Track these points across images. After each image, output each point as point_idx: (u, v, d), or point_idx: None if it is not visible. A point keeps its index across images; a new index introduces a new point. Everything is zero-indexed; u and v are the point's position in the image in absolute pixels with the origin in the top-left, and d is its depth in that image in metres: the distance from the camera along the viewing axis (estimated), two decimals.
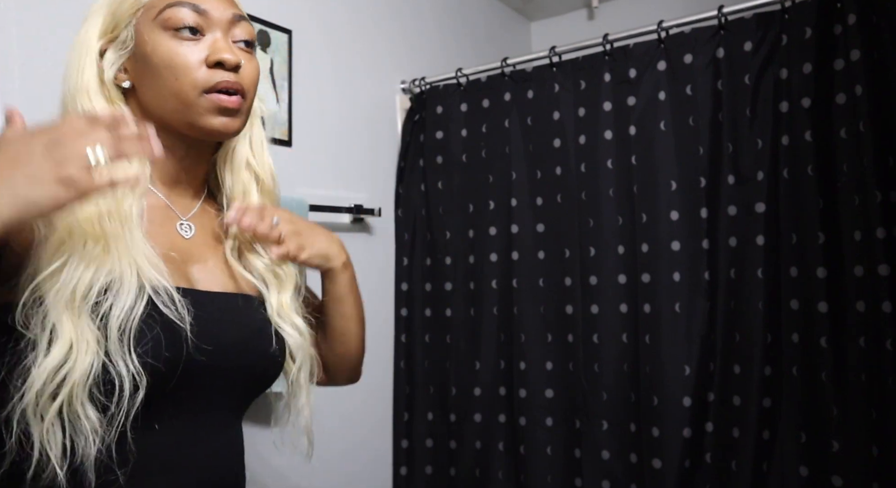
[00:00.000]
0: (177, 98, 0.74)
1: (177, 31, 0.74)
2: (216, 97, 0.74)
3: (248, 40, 0.79)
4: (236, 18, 0.78)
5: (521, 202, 1.82)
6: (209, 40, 0.75)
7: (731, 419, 1.53)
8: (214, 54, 0.74)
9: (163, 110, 0.75)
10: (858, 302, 1.37)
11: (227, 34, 0.77)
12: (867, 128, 1.35)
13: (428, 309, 1.97)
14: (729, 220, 1.55)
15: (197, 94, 0.74)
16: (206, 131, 0.76)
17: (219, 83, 0.74)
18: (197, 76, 0.73)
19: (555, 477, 1.74)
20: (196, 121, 0.75)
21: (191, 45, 0.74)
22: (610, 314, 1.68)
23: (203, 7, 0.75)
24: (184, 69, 0.73)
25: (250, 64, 0.78)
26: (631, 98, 1.67)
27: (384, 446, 1.94)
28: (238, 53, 0.76)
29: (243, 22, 0.79)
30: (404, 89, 2.04)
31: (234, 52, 0.75)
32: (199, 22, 0.75)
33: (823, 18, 1.42)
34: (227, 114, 0.75)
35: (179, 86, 0.73)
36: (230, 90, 0.75)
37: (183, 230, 0.80)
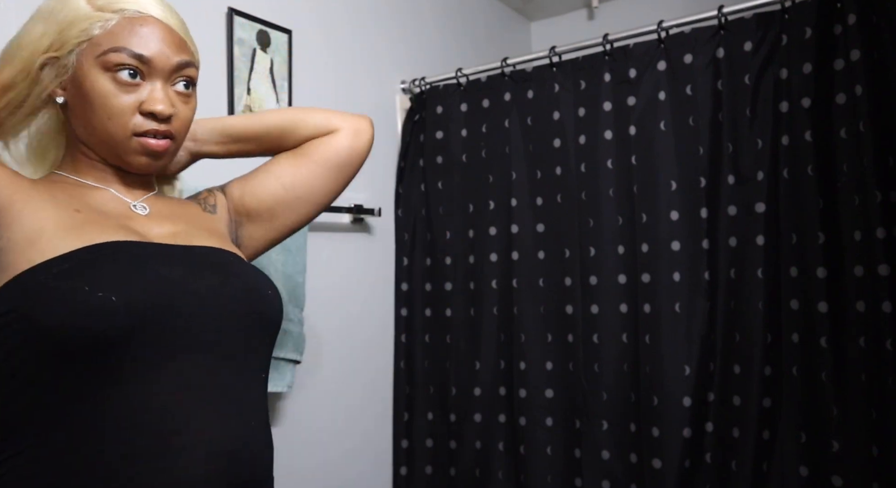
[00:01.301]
0: (108, 135, 0.78)
1: (116, 74, 0.76)
2: (144, 141, 0.78)
3: (187, 83, 0.82)
4: (182, 64, 0.80)
5: (521, 202, 1.82)
6: (147, 88, 0.78)
7: (731, 419, 1.53)
8: (148, 105, 0.77)
9: (92, 138, 0.79)
10: (858, 302, 1.37)
11: (167, 81, 0.79)
12: (867, 128, 1.35)
13: (428, 309, 1.97)
14: (729, 220, 1.55)
15: (126, 137, 0.77)
16: (131, 168, 0.81)
17: (148, 131, 0.78)
18: (128, 121, 0.77)
19: (555, 477, 1.74)
20: (122, 157, 0.79)
21: (127, 90, 0.77)
22: (610, 314, 1.68)
23: (147, 56, 0.77)
24: (118, 112, 0.76)
25: (186, 108, 0.82)
26: (631, 98, 1.67)
27: (384, 446, 1.94)
28: (174, 100, 0.80)
29: (188, 67, 0.82)
30: (404, 89, 2.04)
31: (167, 102, 0.78)
32: (140, 68, 0.77)
33: (823, 18, 1.43)
34: (154, 156, 0.79)
35: (111, 126, 0.77)
36: (158, 135, 0.78)
37: (138, 210, 0.83)
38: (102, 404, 0.65)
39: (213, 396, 0.71)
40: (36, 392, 0.66)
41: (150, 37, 0.77)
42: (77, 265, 0.67)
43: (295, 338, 1.46)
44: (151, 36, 0.78)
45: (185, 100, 0.81)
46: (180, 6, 0.91)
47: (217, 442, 0.69)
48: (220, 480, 0.68)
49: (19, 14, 1.13)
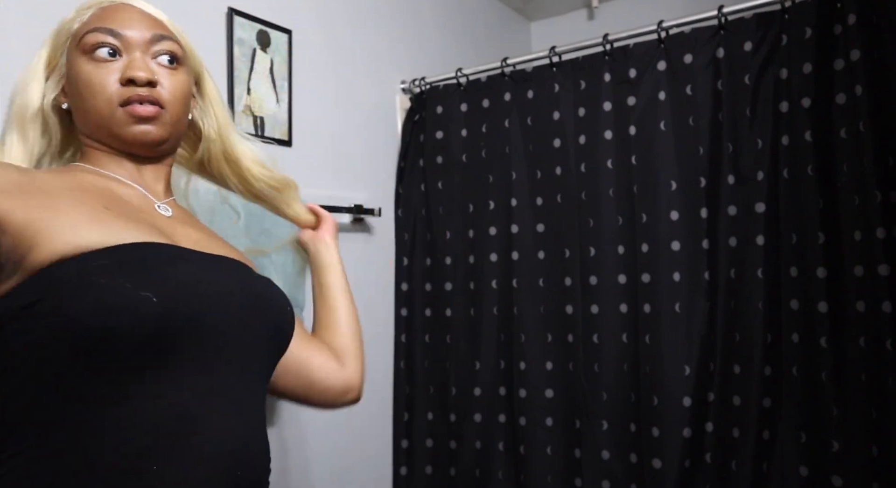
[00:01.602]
0: (97, 114, 0.79)
1: (95, 53, 0.79)
2: (130, 108, 0.79)
3: (170, 57, 0.83)
4: (156, 37, 0.82)
5: (521, 202, 1.82)
6: (125, 60, 0.80)
7: (731, 419, 1.53)
8: (126, 72, 0.78)
9: (90, 127, 0.81)
10: (858, 302, 1.37)
11: (146, 53, 0.81)
12: (867, 128, 1.35)
13: (428, 309, 1.97)
14: (729, 220, 1.55)
15: (112, 109, 0.79)
16: (129, 139, 0.81)
17: (130, 97, 0.78)
18: (111, 93, 0.78)
19: (555, 477, 1.74)
20: (117, 132, 0.80)
21: (107, 66, 0.79)
22: (610, 314, 1.68)
23: (119, 31, 0.80)
24: (100, 88, 0.78)
25: (172, 78, 0.82)
26: (631, 98, 1.67)
27: (384, 446, 1.94)
28: (155, 70, 0.81)
29: (165, 40, 0.83)
30: (404, 89, 2.04)
31: (147, 69, 0.79)
32: (116, 45, 0.80)
33: (823, 18, 1.43)
34: (143, 122, 0.80)
35: (97, 103, 0.79)
36: (143, 101, 0.79)
37: (161, 210, 0.84)
38: (121, 403, 0.64)
39: (227, 402, 0.72)
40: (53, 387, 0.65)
41: (123, 16, 0.81)
42: (116, 262, 0.66)
43: None
44: (124, 15, 0.81)
45: (170, 72, 0.82)
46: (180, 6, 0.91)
47: (225, 444, 0.70)
48: (226, 481, 0.69)
49: (19, 14, 1.13)
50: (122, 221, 0.73)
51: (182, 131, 0.88)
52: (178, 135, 0.87)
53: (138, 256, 0.68)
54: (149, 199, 0.84)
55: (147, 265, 0.68)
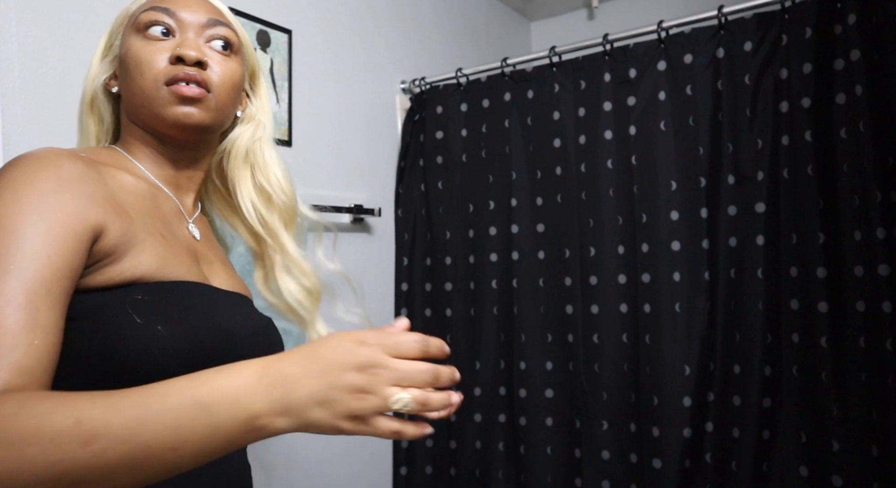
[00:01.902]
0: (143, 93, 0.77)
1: (147, 31, 0.77)
2: (175, 87, 0.76)
3: (224, 43, 0.81)
4: (212, 22, 0.80)
5: (521, 202, 1.82)
6: (177, 40, 0.78)
7: (731, 419, 1.53)
8: (176, 50, 0.76)
9: (135, 106, 0.78)
10: (858, 302, 1.37)
11: (199, 35, 0.79)
12: (867, 128, 1.35)
13: (428, 309, 1.97)
14: (729, 220, 1.55)
15: (158, 87, 0.76)
16: (170, 121, 0.77)
17: (177, 75, 0.75)
18: (159, 70, 0.76)
19: (555, 477, 1.74)
20: (159, 112, 0.77)
21: (158, 44, 0.77)
22: (610, 314, 1.68)
23: (175, 10, 0.78)
24: (147, 65, 0.76)
25: (223, 64, 0.80)
26: (631, 98, 1.67)
27: (384, 446, 1.93)
28: (207, 52, 0.78)
29: (221, 26, 0.81)
30: (404, 89, 2.04)
31: (198, 49, 0.77)
32: (170, 24, 0.78)
33: (823, 18, 1.43)
34: (188, 102, 0.76)
35: (144, 81, 0.76)
36: (189, 81, 0.76)
37: (193, 230, 0.83)
38: None
39: None
40: None
41: None
42: (151, 300, 0.67)
43: (295, 338, 1.46)
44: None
45: (222, 57, 0.80)
46: None
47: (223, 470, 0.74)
48: None
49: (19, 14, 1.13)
50: (172, 255, 0.74)
51: (225, 124, 0.84)
52: (221, 125, 0.83)
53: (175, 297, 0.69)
54: (184, 218, 0.82)
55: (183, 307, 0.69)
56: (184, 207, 0.83)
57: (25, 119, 1.13)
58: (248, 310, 0.83)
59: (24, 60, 1.13)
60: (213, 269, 0.83)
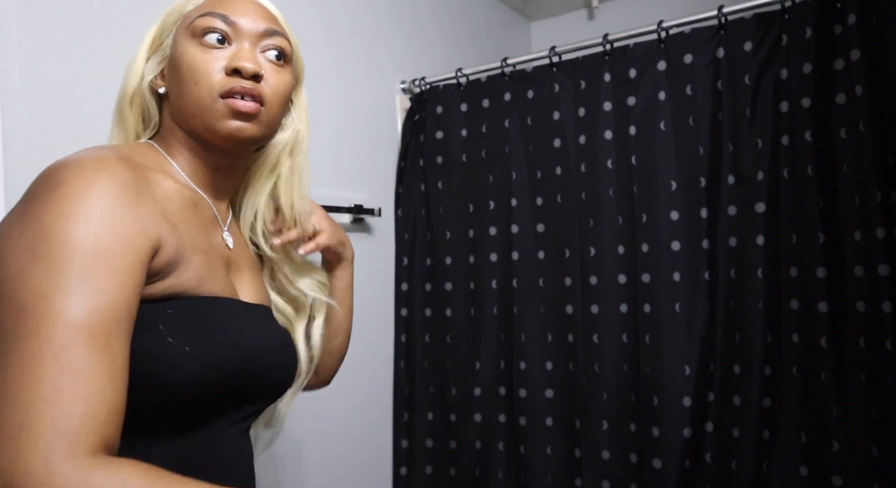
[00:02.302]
0: (196, 102, 0.75)
1: (203, 38, 0.76)
2: (231, 101, 0.75)
3: (279, 53, 0.80)
4: (268, 32, 0.79)
5: (521, 202, 1.82)
6: (233, 49, 0.77)
7: (731, 419, 1.53)
8: (233, 62, 0.75)
9: (186, 114, 0.77)
10: (858, 302, 1.37)
11: (255, 45, 0.78)
12: (867, 128, 1.35)
13: (428, 309, 1.97)
14: (729, 220, 1.55)
15: (213, 99, 0.75)
16: (222, 134, 0.76)
17: (233, 88, 0.74)
18: (214, 81, 0.75)
19: (555, 477, 1.74)
20: (212, 124, 0.76)
21: (214, 53, 0.76)
22: (610, 314, 1.68)
23: (233, 18, 0.77)
24: (203, 74, 0.75)
25: (278, 76, 0.79)
26: (631, 98, 1.67)
27: (384, 446, 1.93)
28: (263, 64, 0.77)
29: (276, 36, 0.80)
30: (404, 89, 2.04)
31: (255, 61, 0.76)
32: (227, 32, 0.77)
33: (823, 18, 1.43)
34: (242, 118, 0.75)
35: (198, 91, 0.75)
36: (245, 95, 0.75)
37: (227, 239, 0.83)
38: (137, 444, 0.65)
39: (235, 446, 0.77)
40: None
41: (238, 4, 0.78)
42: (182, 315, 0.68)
43: None
44: (240, 4, 0.78)
45: (276, 68, 0.79)
46: None
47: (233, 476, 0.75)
48: None
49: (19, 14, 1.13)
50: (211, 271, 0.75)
51: (274, 135, 0.84)
52: (270, 138, 0.83)
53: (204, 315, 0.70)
54: (219, 225, 0.83)
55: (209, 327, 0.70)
56: (219, 214, 0.83)
57: (25, 119, 1.13)
58: (270, 325, 0.85)
59: (24, 60, 1.13)
60: (242, 280, 0.83)
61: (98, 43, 1.23)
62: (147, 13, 1.28)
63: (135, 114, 0.81)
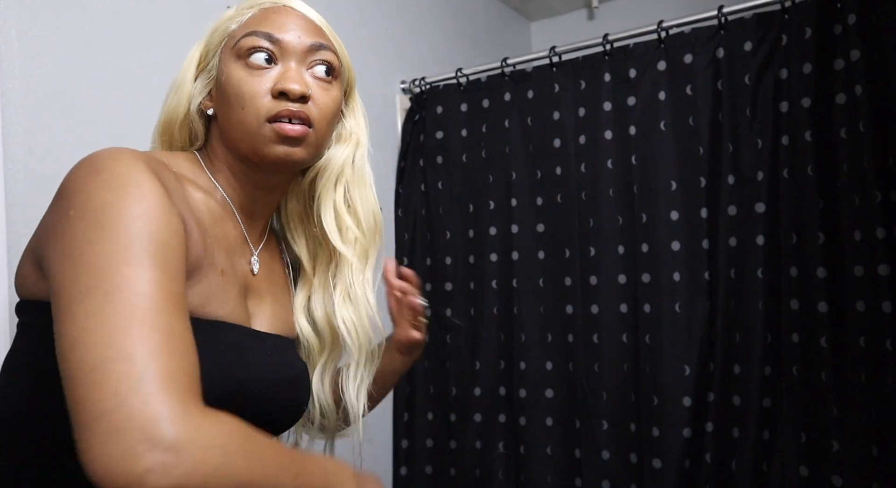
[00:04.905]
0: (243, 126, 0.74)
1: (249, 59, 0.74)
2: (278, 126, 0.73)
3: (327, 68, 0.78)
4: (315, 47, 0.77)
5: (521, 202, 1.82)
6: (280, 70, 0.74)
7: (731, 419, 1.53)
8: (279, 84, 0.73)
9: (234, 138, 0.76)
10: (858, 302, 1.37)
11: (302, 63, 0.76)
12: (867, 128, 1.35)
13: (428, 309, 1.97)
14: (729, 220, 1.55)
15: (260, 124, 0.73)
16: (270, 159, 0.75)
17: (280, 112, 0.73)
18: (261, 105, 0.73)
19: (555, 477, 1.74)
20: (260, 149, 0.74)
21: (260, 74, 0.74)
22: (610, 314, 1.68)
23: (278, 36, 0.75)
24: (250, 98, 0.73)
25: (325, 94, 0.77)
26: (631, 98, 1.67)
27: (384, 446, 1.93)
28: (310, 83, 0.75)
29: (324, 50, 0.77)
30: (404, 89, 2.04)
31: (302, 81, 0.74)
32: (273, 50, 0.75)
33: (823, 18, 1.43)
34: (290, 142, 0.74)
35: (245, 115, 0.73)
36: (293, 119, 0.73)
37: (254, 265, 0.81)
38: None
39: None
40: None
41: (283, 20, 0.76)
42: None
43: None
44: (284, 20, 0.76)
45: (324, 86, 0.77)
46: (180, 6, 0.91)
47: None
48: None
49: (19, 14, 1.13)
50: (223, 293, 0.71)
51: (322, 154, 0.82)
52: (319, 158, 0.82)
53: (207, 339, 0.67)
54: (248, 249, 0.80)
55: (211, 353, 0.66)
56: (251, 237, 0.81)
57: (25, 119, 1.13)
58: (282, 355, 0.80)
59: (24, 60, 1.13)
60: (261, 307, 0.80)
61: (98, 43, 1.23)
62: (147, 13, 1.28)
63: (182, 136, 0.80)
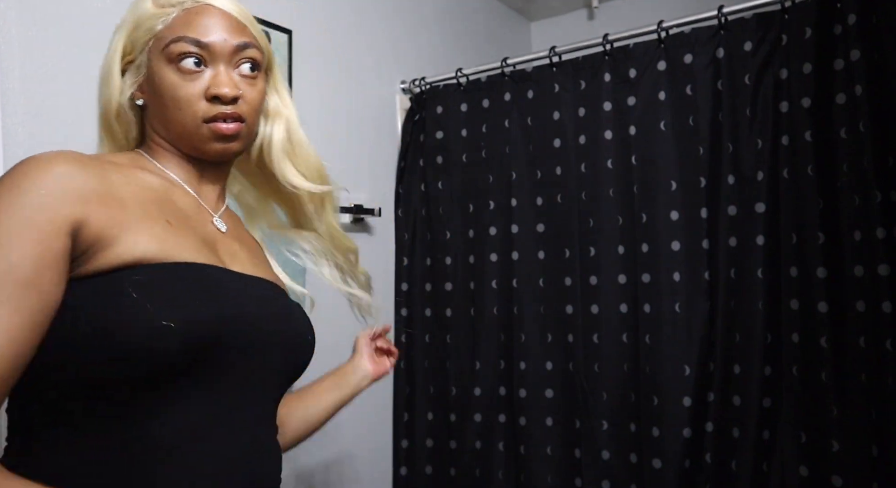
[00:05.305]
0: (182, 126, 0.79)
1: (180, 64, 0.78)
2: (215, 126, 0.79)
3: (252, 64, 0.83)
4: (240, 47, 0.81)
5: (521, 202, 1.82)
6: (211, 73, 0.79)
7: (731, 419, 1.53)
8: (212, 89, 0.78)
9: (170, 134, 0.81)
10: (858, 302, 1.37)
11: (229, 64, 0.80)
12: (867, 128, 1.35)
13: (428, 309, 1.97)
14: (729, 220, 1.55)
15: (198, 125, 0.79)
16: (209, 155, 0.82)
17: (216, 115, 0.79)
18: (197, 108, 0.78)
19: (555, 477, 1.74)
20: (199, 146, 0.81)
21: (193, 78, 0.78)
22: (610, 314, 1.68)
23: (206, 41, 0.79)
24: (186, 102, 0.78)
25: (252, 90, 0.82)
26: (631, 98, 1.67)
27: (384, 446, 1.93)
28: (239, 83, 0.80)
29: (249, 48, 0.82)
30: (404, 89, 2.04)
31: (231, 84, 0.79)
32: (202, 54, 0.79)
33: (823, 18, 1.43)
34: (226, 140, 0.80)
35: (182, 116, 0.79)
36: (227, 118, 0.79)
37: (218, 225, 0.85)
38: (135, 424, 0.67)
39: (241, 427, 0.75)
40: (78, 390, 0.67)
41: (209, 23, 0.80)
42: (153, 280, 0.68)
43: None
44: (210, 22, 0.80)
45: (250, 82, 0.82)
46: None
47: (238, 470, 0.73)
48: None
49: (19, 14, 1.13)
50: (179, 238, 0.74)
51: (254, 135, 0.89)
52: (253, 140, 0.89)
53: (176, 278, 0.70)
54: (206, 212, 0.84)
55: (181, 289, 0.70)
56: (206, 202, 0.85)
57: (25, 119, 1.13)
58: (268, 293, 0.84)
59: (24, 60, 1.13)
60: (237, 258, 0.84)
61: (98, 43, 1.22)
62: None
63: (121, 127, 0.84)
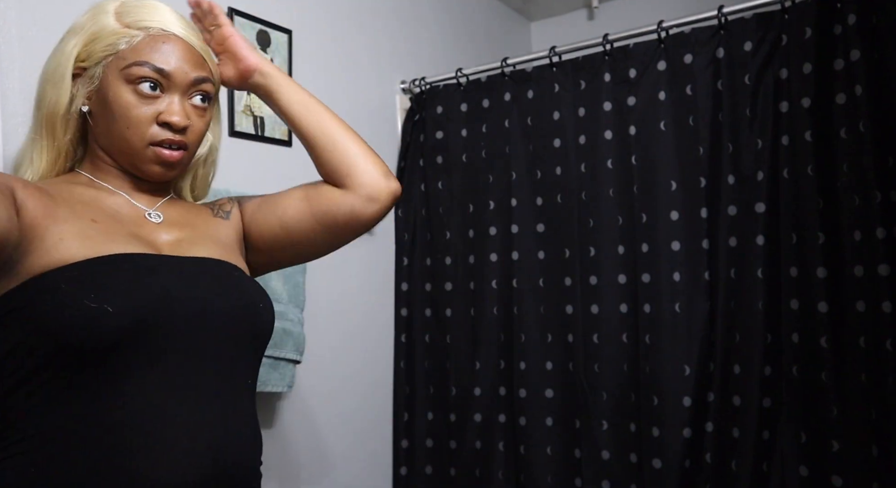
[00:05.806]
0: (127, 143, 0.82)
1: (138, 86, 0.81)
2: (159, 150, 0.82)
3: (203, 97, 0.86)
4: (198, 81, 0.85)
5: (521, 202, 1.82)
6: (165, 101, 0.82)
7: (731, 419, 1.53)
8: (165, 116, 0.82)
9: (111, 147, 0.84)
10: (858, 302, 1.37)
11: (184, 94, 0.84)
12: (867, 128, 1.35)
13: (428, 309, 1.97)
14: (729, 220, 1.55)
15: (143, 145, 0.82)
16: (147, 176, 0.85)
17: (163, 140, 0.82)
18: (146, 130, 0.81)
19: (555, 477, 1.74)
20: (138, 166, 0.84)
21: (147, 102, 0.81)
22: (610, 314, 1.68)
23: (167, 70, 0.82)
24: (136, 122, 0.81)
25: (200, 121, 0.86)
26: (631, 98, 1.67)
27: (384, 446, 1.93)
28: (190, 113, 0.84)
29: (205, 82, 0.86)
30: (404, 89, 2.04)
31: (183, 115, 0.82)
32: (160, 81, 0.82)
33: (823, 18, 1.43)
34: (167, 166, 0.84)
35: (129, 134, 0.81)
36: (172, 145, 0.83)
37: (152, 218, 0.87)
38: (92, 403, 0.70)
39: (198, 399, 0.75)
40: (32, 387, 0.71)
41: (171, 53, 0.82)
42: (84, 274, 0.71)
43: (295, 338, 1.46)
44: (172, 52, 0.83)
45: (200, 113, 0.86)
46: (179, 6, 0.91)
47: (199, 439, 0.73)
48: (206, 471, 0.73)
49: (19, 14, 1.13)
50: (105, 234, 0.77)
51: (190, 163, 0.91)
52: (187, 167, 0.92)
53: (105, 268, 0.73)
54: (137, 208, 0.86)
55: (112, 276, 0.72)
56: (139, 201, 0.87)
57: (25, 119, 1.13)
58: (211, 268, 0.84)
59: (24, 60, 1.13)
60: (179, 243, 0.85)
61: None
62: None
63: (63, 129, 0.85)
